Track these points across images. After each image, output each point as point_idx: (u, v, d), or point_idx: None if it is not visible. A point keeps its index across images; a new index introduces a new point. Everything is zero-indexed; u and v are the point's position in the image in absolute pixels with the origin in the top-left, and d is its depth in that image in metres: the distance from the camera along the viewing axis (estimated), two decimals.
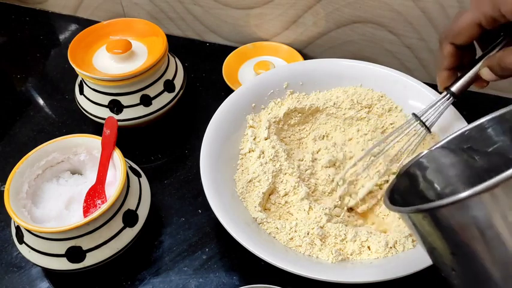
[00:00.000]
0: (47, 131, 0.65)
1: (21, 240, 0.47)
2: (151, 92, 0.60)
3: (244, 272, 0.50)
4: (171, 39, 0.68)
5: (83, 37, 0.62)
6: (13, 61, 0.77)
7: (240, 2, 0.70)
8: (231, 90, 0.60)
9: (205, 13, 0.74)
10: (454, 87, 0.44)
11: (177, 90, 0.63)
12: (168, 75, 0.62)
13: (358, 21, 0.65)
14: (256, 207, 0.49)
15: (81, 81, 0.62)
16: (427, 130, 0.46)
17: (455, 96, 0.44)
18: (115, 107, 0.59)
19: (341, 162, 0.55)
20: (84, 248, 0.46)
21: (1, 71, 0.76)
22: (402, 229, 0.48)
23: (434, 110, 0.45)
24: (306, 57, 0.71)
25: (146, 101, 0.60)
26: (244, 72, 0.70)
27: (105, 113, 0.59)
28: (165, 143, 0.63)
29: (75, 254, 0.46)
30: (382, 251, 0.46)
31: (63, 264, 0.46)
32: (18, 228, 0.48)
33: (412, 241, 0.46)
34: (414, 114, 0.47)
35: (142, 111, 0.60)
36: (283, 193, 0.51)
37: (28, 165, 0.49)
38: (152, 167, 0.61)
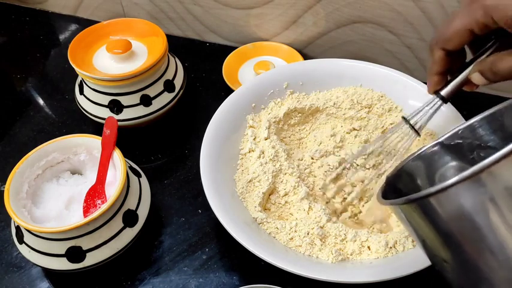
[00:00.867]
0: (47, 131, 0.65)
1: (21, 240, 0.47)
2: (151, 92, 0.60)
3: (244, 272, 0.50)
4: (171, 39, 0.68)
5: (83, 37, 0.62)
6: (13, 61, 0.77)
7: (240, 2, 0.70)
8: (231, 90, 0.60)
9: (205, 13, 0.74)
10: (443, 91, 0.44)
11: (177, 90, 0.63)
12: (168, 75, 0.62)
13: (358, 21, 0.65)
14: (256, 207, 0.49)
15: (81, 81, 0.62)
16: (417, 134, 0.46)
17: (445, 100, 0.44)
18: (115, 107, 0.59)
19: (339, 163, 0.55)
20: (84, 248, 0.46)
21: (1, 71, 0.76)
22: (402, 229, 0.48)
23: (424, 113, 0.45)
24: (306, 57, 0.71)
25: (146, 101, 0.60)
26: (244, 72, 0.70)
27: (105, 113, 0.59)
28: (165, 143, 0.63)
29: (75, 254, 0.46)
30: (382, 251, 0.46)
31: (63, 264, 0.46)
32: (18, 228, 0.48)
33: (412, 241, 0.46)
34: (404, 118, 0.47)
35: (142, 111, 0.60)
36: (283, 193, 0.51)
37: (28, 165, 0.49)
38: (152, 167, 0.61)
